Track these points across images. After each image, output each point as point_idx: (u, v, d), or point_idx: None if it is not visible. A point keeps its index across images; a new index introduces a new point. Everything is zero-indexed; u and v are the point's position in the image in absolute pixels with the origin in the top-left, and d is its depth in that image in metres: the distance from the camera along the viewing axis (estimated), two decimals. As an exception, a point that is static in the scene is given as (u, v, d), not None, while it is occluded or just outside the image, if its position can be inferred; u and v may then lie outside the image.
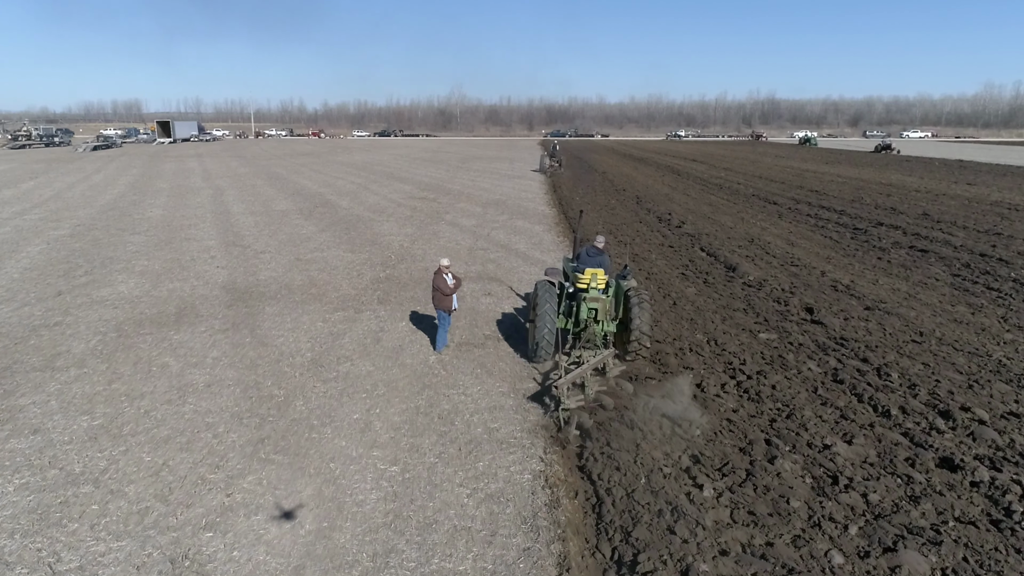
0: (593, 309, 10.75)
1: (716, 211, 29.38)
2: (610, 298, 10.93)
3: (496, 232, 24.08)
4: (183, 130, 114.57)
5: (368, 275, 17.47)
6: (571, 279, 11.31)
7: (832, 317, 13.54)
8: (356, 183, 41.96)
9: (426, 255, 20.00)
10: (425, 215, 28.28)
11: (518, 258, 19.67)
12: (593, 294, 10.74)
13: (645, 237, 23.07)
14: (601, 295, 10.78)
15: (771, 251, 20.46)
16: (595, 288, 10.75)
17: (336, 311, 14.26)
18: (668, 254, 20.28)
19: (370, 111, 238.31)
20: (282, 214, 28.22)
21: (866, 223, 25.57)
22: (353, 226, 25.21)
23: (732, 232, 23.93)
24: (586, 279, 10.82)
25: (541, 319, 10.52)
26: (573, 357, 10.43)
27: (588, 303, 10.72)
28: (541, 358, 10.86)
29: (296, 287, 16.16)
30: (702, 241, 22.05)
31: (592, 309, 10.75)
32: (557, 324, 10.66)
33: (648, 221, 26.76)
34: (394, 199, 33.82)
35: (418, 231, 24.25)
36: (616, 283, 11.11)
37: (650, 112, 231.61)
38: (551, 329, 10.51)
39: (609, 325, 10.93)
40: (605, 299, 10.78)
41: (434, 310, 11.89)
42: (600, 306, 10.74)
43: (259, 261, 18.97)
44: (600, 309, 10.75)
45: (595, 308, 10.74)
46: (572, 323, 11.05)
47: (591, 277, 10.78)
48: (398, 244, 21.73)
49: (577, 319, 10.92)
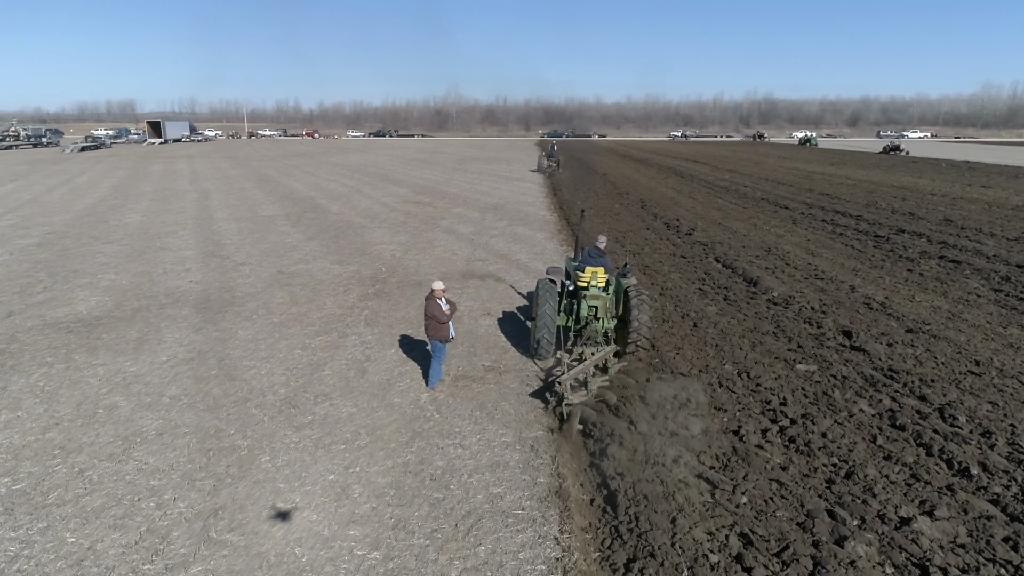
0: (593, 307, 10.88)
1: (727, 217, 27.90)
2: (610, 296, 11.05)
3: (495, 240, 22.57)
4: (174, 130, 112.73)
5: (356, 291, 15.94)
6: (572, 277, 11.47)
7: (874, 343, 12.05)
8: (348, 186, 40.40)
9: (420, 267, 18.47)
10: (419, 221, 26.75)
11: (520, 270, 18.16)
12: (593, 292, 10.85)
13: (655, 246, 21.57)
14: (601, 293, 10.89)
15: (791, 262, 18.98)
16: (595, 286, 10.86)
17: (318, 335, 12.73)
18: (681, 266, 18.78)
19: (366, 111, 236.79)
20: (268, 220, 26.66)
21: (886, 230, 24.12)
22: (343, 234, 23.66)
23: (746, 240, 22.45)
24: (586, 277, 10.93)
25: (542, 317, 10.67)
26: (575, 354, 10.47)
27: (588, 301, 10.85)
28: (542, 355, 11.04)
29: (275, 306, 14.62)
30: (716, 251, 20.56)
31: (592, 307, 10.88)
32: (558, 322, 10.87)
33: (656, 228, 25.26)
34: (387, 203, 32.28)
35: (412, 239, 22.73)
36: (616, 281, 11.22)
37: (647, 112, 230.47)
38: (552, 327, 10.69)
39: (609, 322, 11.02)
40: (605, 297, 10.91)
41: (427, 339, 10.37)
42: (600, 303, 10.87)
43: (238, 275, 17.42)
44: (600, 306, 10.88)
45: (595, 305, 10.88)
46: (573, 320, 11.18)
47: (591, 275, 10.89)
48: (390, 254, 20.19)
49: (578, 316, 11.03)
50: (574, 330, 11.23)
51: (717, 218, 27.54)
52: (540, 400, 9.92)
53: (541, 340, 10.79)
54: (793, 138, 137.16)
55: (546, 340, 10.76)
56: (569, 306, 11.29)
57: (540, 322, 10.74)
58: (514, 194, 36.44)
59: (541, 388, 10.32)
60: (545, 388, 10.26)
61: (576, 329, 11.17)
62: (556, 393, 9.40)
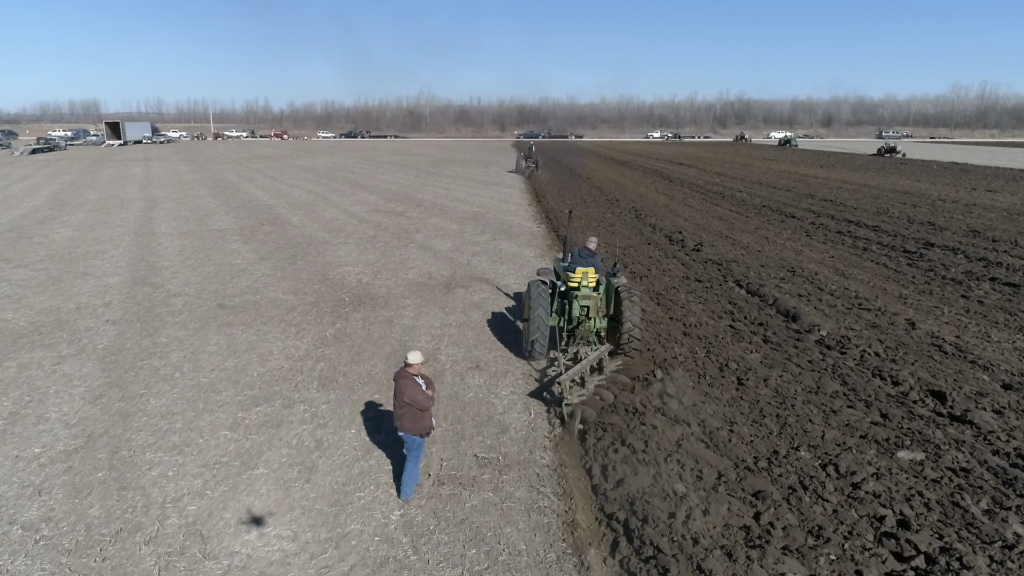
0: (585, 306, 10.93)
1: (731, 228, 25.27)
2: (601, 295, 11.05)
3: (478, 259, 19.63)
4: (135, 131, 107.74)
5: (311, 333, 12.90)
6: (563, 278, 11.36)
7: (977, 409, 9.35)
8: (314, 192, 37.14)
9: (391, 296, 15.48)
10: (391, 235, 23.71)
11: (510, 298, 15.26)
12: (584, 292, 10.89)
13: (662, 266, 18.79)
14: (592, 292, 10.92)
15: (824, 286, 16.34)
16: (586, 286, 10.89)
17: (256, 403, 9.70)
18: (699, 293, 16.01)
19: (338, 111, 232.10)
20: (218, 235, 23.41)
21: (913, 243, 21.65)
22: (302, 252, 20.55)
23: (762, 257, 19.80)
24: (577, 277, 10.92)
25: (535, 318, 10.61)
26: (571, 354, 10.59)
27: (580, 300, 10.89)
28: (536, 357, 11.07)
29: (207, 357, 11.54)
30: (733, 272, 17.85)
31: (584, 306, 10.93)
32: (550, 322, 10.80)
33: (657, 242, 22.52)
34: (356, 213, 29.15)
35: (382, 258, 19.70)
36: (607, 280, 11.19)
37: (621, 113, 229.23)
38: (545, 328, 10.62)
39: (601, 321, 11.07)
40: (596, 296, 10.96)
41: (401, 429, 7.40)
42: (592, 303, 10.93)
43: (167, 311, 14.27)
44: (592, 306, 10.94)
45: (587, 305, 10.93)
46: (565, 321, 11.17)
47: (582, 275, 10.89)
48: (355, 279, 17.15)
49: (570, 317, 11.07)
50: (566, 330, 11.18)
51: (721, 229, 24.90)
52: (539, 400, 9.92)
53: (535, 341, 10.71)
54: (771, 139, 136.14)
55: (540, 341, 10.69)
56: (561, 306, 11.22)
57: (533, 323, 10.68)
58: (494, 201, 33.52)
59: (538, 388, 10.32)
60: (542, 388, 10.28)
61: (569, 329, 11.16)
62: (554, 393, 9.44)
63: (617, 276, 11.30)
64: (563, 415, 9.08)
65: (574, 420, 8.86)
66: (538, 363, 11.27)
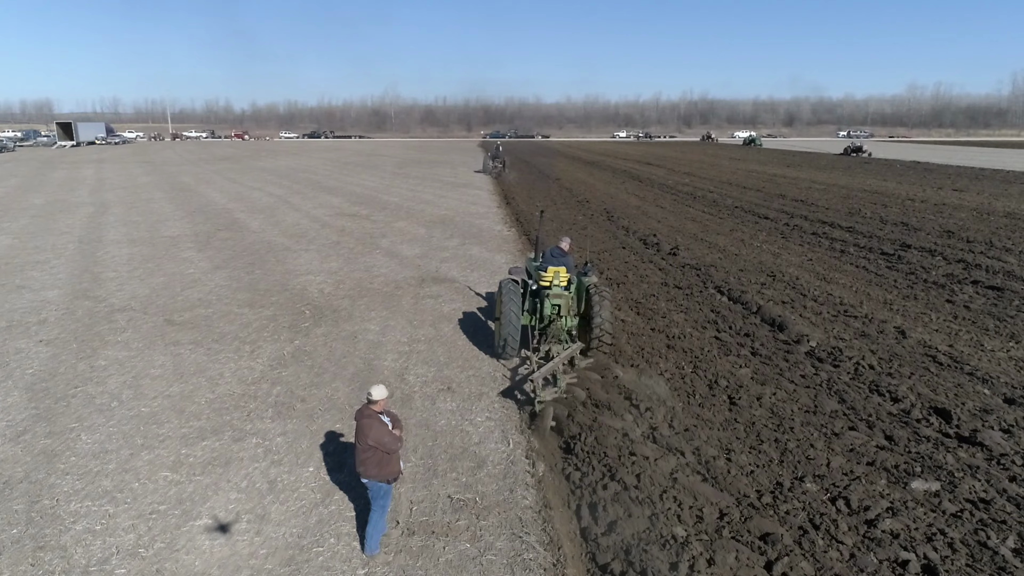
0: (556, 305, 10.95)
1: (706, 230, 24.74)
2: (572, 294, 11.10)
3: (447, 266, 18.72)
4: (88, 132, 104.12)
5: (267, 351, 11.87)
6: (534, 277, 11.38)
7: (985, 429, 8.76)
8: (275, 195, 35.79)
9: (355, 308, 14.49)
10: (355, 240, 22.65)
11: (483, 311, 14.39)
12: (556, 291, 10.90)
13: (639, 271, 18.11)
14: (564, 292, 10.95)
15: (806, 292, 15.81)
16: (558, 285, 10.90)
17: (202, 437, 8.68)
18: (680, 300, 15.34)
19: (301, 111, 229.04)
20: (171, 242, 22.10)
21: (889, 244, 21.33)
22: (260, 260, 19.40)
23: (741, 261, 19.24)
24: (549, 277, 10.92)
25: (506, 317, 10.68)
26: (542, 352, 10.59)
27: (551, 300, 10.91)
28: (508, 355, 11.13)
29: (149, 382, 10.46)
30: (713, 277, 17.23)
31: (556, 305, 10.95)
32: (522, 321, 10.84)
33: (632, 246, 21.85)
34: (318, 217, 27.98)
35: (346, 266, 18.67)
36: (578, 279, 11.25)
37: (587, 112, 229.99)
38: (517, 326, 10.67)
39: (572, 320, 11.14)
40: (568, 295, 10.99)
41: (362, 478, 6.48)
42: (563, 302, 10.95)
43: (108, 328, 13.10)
44: (563, 305, 10.97)
45: (558, 304, 10.95)
46: (537, 320, 11.21)
47: (554, 275, 10.89)
48: (317, 289, 16.12)
49: (542, 315, 11.10)
50: (538, 329, 11.24)
51: (696, 232, 24.35)
52: (511, 399, 9.93)
53: (506, 340, 10.79)
54: (735, 138, 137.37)
55: (511, 339, 10.76)
56: (533, 305, 11.28)
57: (505, 321, 10.76)
58: (463, 203, 32.60)
59: (510, 387, 10.32)
60: (513, 387, 10.28)
61: (540, 328, 11.23)
62: (526, 391, 9.60)
63: (588, 275, 11.36)
64: (534, 413, 9.15)
65: (545, 418, 8.88)
66: (509, 362, 11.34)
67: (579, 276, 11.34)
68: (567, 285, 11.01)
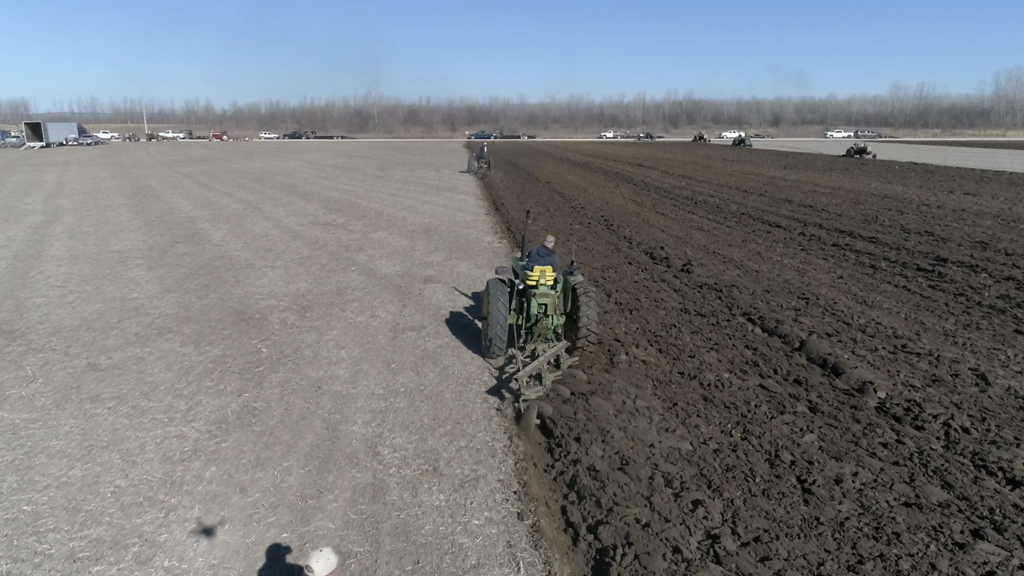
0: (543, 304, 10.96)
1: (715, 241, 22.57)
2: (559, 293, 11.08)
3: (431, 288, 16.37)
4: (59, 132, 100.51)
5: (207, 410, 9.46)
6: (521, 276, 11.35)
7: None
8: (245, 201, 33.23)
9: (321, 347, 12.10)
10: (329, 255, 20.24)
11: (477, 344, 12.05)
12: (543, 290, 10.89)
13: (652, 293, 15.84)
14: (550, 291, 10.95)
15: (849, 319, 13.65)
16: (544, 284, 10.90)
17: (94, 561, 6.27)
18: (705, 331, 13.08)
19: (283, 111, 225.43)
20: (119, 258, 19.56)
21: (922, 258, 19.26)
22: (218, 280, 16.95)
23: (763, 280, 17.07)
24: (535, 276, 10.91)
25: (493, 316, 10.72)
26: (528, 351, 10.54)
27: (538, 299, 10.92)
28: (494, 354, 11.16)
29: (42, 466, 8.00)
30: (737, 300, 15.03)
31: (542, 304, 10.96)
32: (509, 320, 10.90)
33: (639, 261, 19.59)
34: (290, 226, 25.50)
35: (315, 287, 16.27)
36: (564, 279, 11.22)
37: (572, 112, 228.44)
38: (503, 325, 10.73)
39: (559, 319, 11.14)
40: (554, 294, 10.99)
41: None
42: (549, 301, 10.96)
43: (14, 378, 10.59)
44: (549, 304, 10.97)
45: (545, 303, 10.96)
46: (523, 319, 11.21)
47: (540, 274, 10.89)
48: (279, 320, 13.72)
49: (528, 314, 11.12)
50: (524, 328, 11.27)
51: (705, 243, 22.17)
52: (497, 397, 9.89)
53: (493, 339, 10.86)
54: (723, 138, 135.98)
55: (498, 337, 10.82)
56: (519, 304, 11.26)
57: (491, 320, 10.81)
58: (448, 210, 30.23)
59: (496, 386, 10.28)
60: (500, 385, 10.26)
61: (527, 327, 11.25)
62: (512, 390, 9.65)
63: (574, 274, 11.27)
64: (519, 410, 9.17)
65: (530, 415, 8.96)
66: (496, 361, 11.34)
67: (565, 275, 11.28)
68: (553, 284, 11.02)
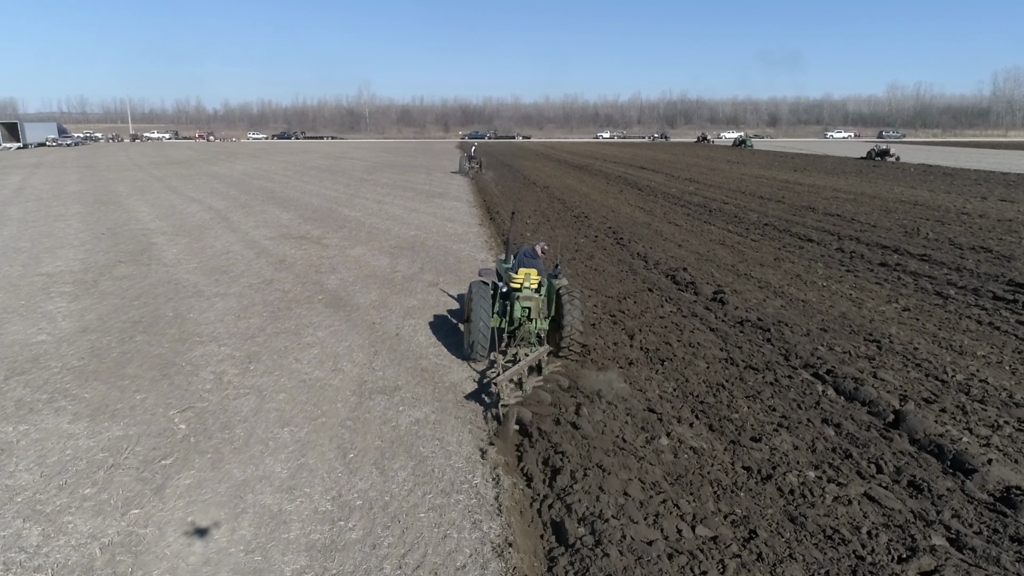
0: (526, 308, 10.56)
1: (743, 259, 19.59)
2: (542, 296, 10.73)
3: (411, 325, 13.31)
4: (37, 133, 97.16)
5: (69, 544, 6.39)
6: (505, 279, 11.12)
7: None
8: (215, 209, 30.12)
9: (257, 425, 9.01)
10: (295, 278, 17.19)
11: (468, 424, 9.01)
12: (527, 293, 10.54)
13: (683, 333, 12.80)
14: (534, 294, 10.59)
15: (941, 374, 10.66)
16: (528, 287, 10.56)
17: None
18: (764, 395, 10.02)
19: (275, 111, 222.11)
20: (43, 284, 16.45)
21: (994, 283, 16.31)
22: (152, 317, 13.86)
23: (813, 313, 14.10)
24: (519, 278, 10.61)
25: (476, 319, 10.41)
26: (509, 355, 10.05)
27: (521, 302, 10.53)
28: (477, 358, 10.72)
29: None
30: (791, 343, 12.02)
31: (526, 308, 10.56)
32: (492, 323, 10.53)
33: (661, 286, 16.57)
34: (257, 240, 22.43)
35: (268, 326, 13.20)
36: (548, 282, 11.00)
37: (566, 112, 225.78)
38: (486, 329, 10.39)
39: (542, 323, 10.76)
40: (538, 298, 10.61)
41: None
42: (533, 304, 10.57)
43: None
44: (533, 307, 10.58)
45: (528, 307, 10.56)
46: (506, 322, 10.83)
47: (524, 277, 10.60)
48: (212, 377, 10.64)
49: (511, 318, 10.71)
50: (507, 331, 10.84)
51: (732, 261, 19.20)
52: (476, 402, 9.42)
53: (475, 341, 10.41)
54: (722, 138, 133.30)
55: (480, 342, 10.39)
56: (503, 307, 10.88)
57: (474, 324, 10.40)
58: (437, 220, 27.18)
59: (477, 390, 9.82)
60: (481, 390, 9.82)
61: (510, 331, 10.79)
62: (492, 394, 9.17)
63: (558, 278, 11.09)
64: (499, 415, 8.68)
65: (509, 420, 8.43)
66: (478, 364, 10.91)
67: (549, 278, 11.08)
68: (538, 288, 10.69)
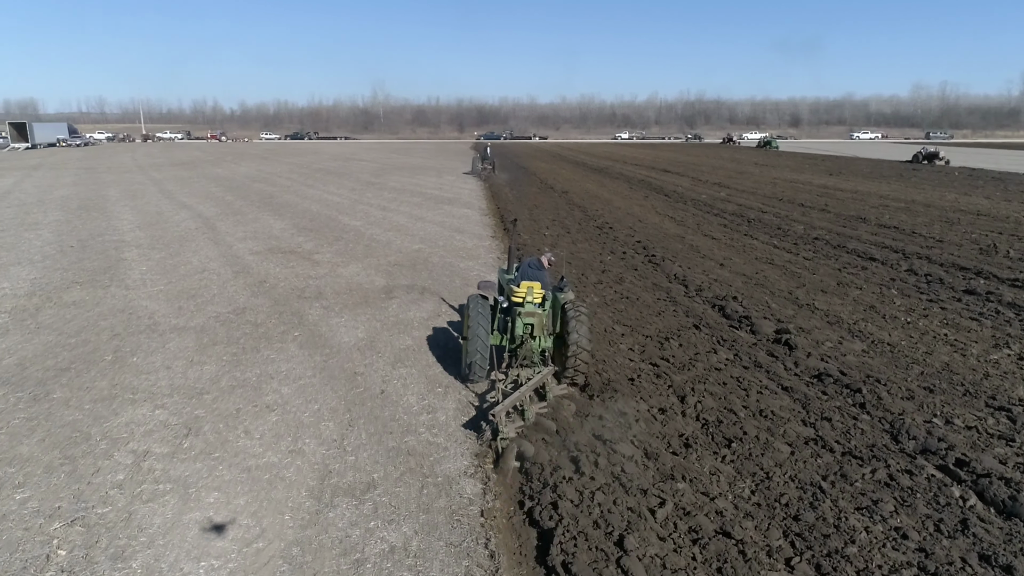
0: (529, 324, 9.63)
1: (800, 284, 16.65)
2: (546, 311, 9.84)
3: (402, 374, 10.54)
4: (47, 133, 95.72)
5: None
6: (506, 292, 10.22)
7: None
8: (204, 216, 27.60)
9: (161, 559, 6.30)
10: (272, 304, 14.52)
11: (467, 546, 6.24)
12: (529, 308, 9.62)
13: (749, 395, 9.91)
14: (537, 309, 9.67)
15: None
16: (531, 302, 9.64)
17: None
18: (883, 508, 7.14)
19: (290, 111, 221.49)
20: (-26, 313, 13.91)
21: (1116, 319, 13.31)
22: (82, 362, 11.20)
23: (908, 363, 11.18)
24: (522, 292, 9.71)
25: (474, 336, 9.37)
26: (511, 377, 9.32)
27: (524, 318, 9.61)
28: (475, 379, 9.67)
29: None
30: (896, 414, 9.12)
31: (528, 324, 9.63)
32: (491, 341, 9.61)
33: (709, 321, 13.67)
34: (239, 255, 19.81)
35: (223, 378, 10.48)
36: (552, 296, 10.00)
37: (583, 113, 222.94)
38: (485, 347, 9.37)
39: (546, 340, 9.81)
40: (541, 313, 9.70)
41: None
42: (536, 320, 9.64)
43: None
44: (536, 324, 9.65)
45: (531, 323, 9.64)
46: (507, 339, 9.89)
47: (527, 290, 9.68)
48: (126, 469, 7.92)
49: (512, 335, 9.77)
50: (509, 349, 9.91)
51: (788, 287, 16.27)
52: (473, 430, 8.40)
53: (474, 361, 9.36)
54: (745, 139, 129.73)
55: (479, 360, 9.36)
56: (503, 323, 9.93)
57: (472, 340, 9.34)
58: (445, 230, 24.45)
59: (475, 417, 8.86)
60: (479, 416, 8.79)
61: (511, 348, 9.86)
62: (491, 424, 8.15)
63: (564, 291, 10.00)
64: (497, 450, 7.81)
65: (509, 455, 7.54)
66: (477, 386, 9.85)
67: (554, 292, 9.99)
68: (541, 302, 9.67)
